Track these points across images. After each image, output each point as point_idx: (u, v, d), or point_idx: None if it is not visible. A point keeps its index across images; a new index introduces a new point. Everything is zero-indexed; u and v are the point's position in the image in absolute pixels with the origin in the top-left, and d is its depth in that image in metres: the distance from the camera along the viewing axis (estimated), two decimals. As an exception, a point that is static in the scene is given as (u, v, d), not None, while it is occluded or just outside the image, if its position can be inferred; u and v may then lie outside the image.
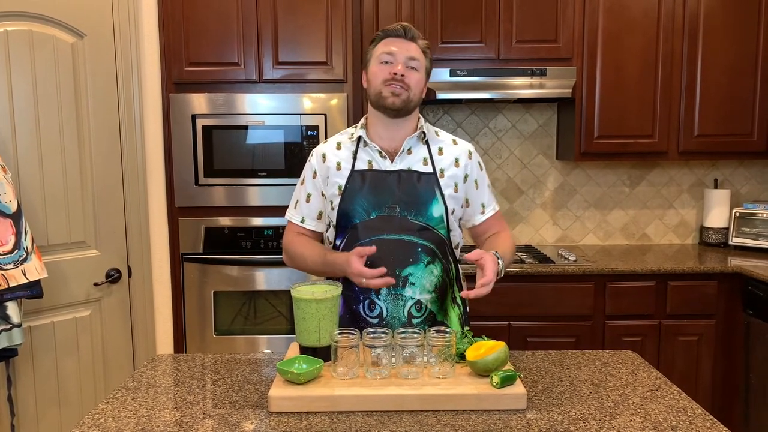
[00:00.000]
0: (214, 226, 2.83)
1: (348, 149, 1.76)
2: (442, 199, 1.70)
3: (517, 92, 2.97)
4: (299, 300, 1.51)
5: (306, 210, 1.80)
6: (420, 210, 1.68)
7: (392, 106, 1.67)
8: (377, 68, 1.69)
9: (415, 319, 1.69)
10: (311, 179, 1.79)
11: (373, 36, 1.76)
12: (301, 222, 1.81)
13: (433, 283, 1.69)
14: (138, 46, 2.66)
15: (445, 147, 1.77)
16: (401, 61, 1.66)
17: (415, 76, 1.68)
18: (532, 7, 2.98)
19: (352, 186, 1.70)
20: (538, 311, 2.84)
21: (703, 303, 2.85)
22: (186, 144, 2.79)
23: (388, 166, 1.71)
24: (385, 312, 1.67)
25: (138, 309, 2.69)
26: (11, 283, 2.02)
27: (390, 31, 1.70)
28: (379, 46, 1.71)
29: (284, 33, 2.79)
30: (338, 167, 1.74)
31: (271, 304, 2.87)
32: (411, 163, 1.72)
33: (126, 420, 1.33)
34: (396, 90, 1.65)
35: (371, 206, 1.68)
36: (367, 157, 1.73)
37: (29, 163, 2.29)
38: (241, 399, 1.43)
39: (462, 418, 1.31)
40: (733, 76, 3.04)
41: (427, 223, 1.69)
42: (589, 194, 3.48)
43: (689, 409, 1.36)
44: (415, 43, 1.70)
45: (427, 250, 1.68)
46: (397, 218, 1.67)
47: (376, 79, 1.68)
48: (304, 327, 1.51)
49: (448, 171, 1.73)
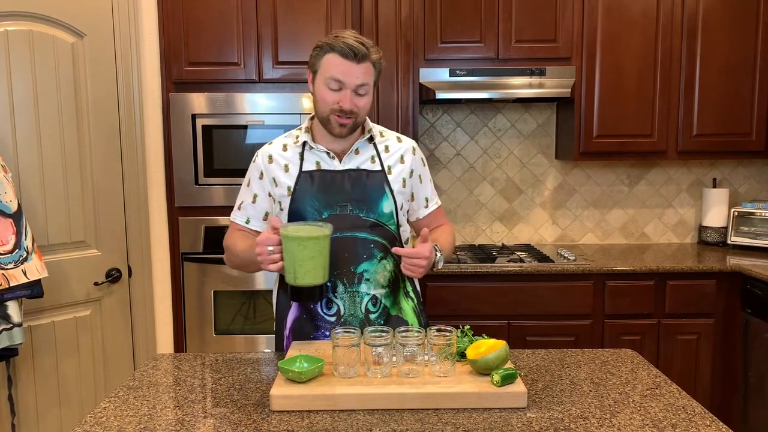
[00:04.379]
0: (214, 225, 2.83)
1: (294, 151, 1.74)
2: (391, 195, 1.73)
3: (517, 92, 2.97)
4: (282, 237, 1.51)
5: (252, 211, 1.79)
6: (371, 207, 1.70)
7: (339, 134, 1.68)
8: (324, 92, 1.63)
9: (372, 314, 1.71)
10: (257, 180, 1.77)
11: (320, 42, 1.65)
12: (246, 223, 1.80)
13: (387, 278, 1.72)
14: (138, 46, 2.66)
15: (390, 145, 1.79)
16: (350, 89, 1.62)
17: (363, 101, 1.65)
18: (531, 7, 2.98)
19: (302, 186, 1.70)
20: (537, 310, 2.85)
21: (702, 302, 2.86)
22: (186, 144, 2.79)
23: (336, 166, 1.72)
24: (342, 309, 1.70)
25: (138, 308, 2.70)
26: (12, 283, 2.02)
27: (338, 49, 1.60)
28: (326, 62, 1.62)
29: (284, 33, 2.79)
30: (286, 168, 1.73)
31: (270, 304, 2.86)
32: (359, 162, 1.74)
33: (128, 419, 1.34)
34: (343, 121, 1.64)
35: (322, 205, 1.69)
36: (315, 158, 1.73)
37: (29, 163, 2.29)
38: (242, 398, 1.44)
39: (463, 416, 1.32)
40: (731, 76, 3.05)
41: (378, 220, 1.71)
42: (588, 193, 3.48)
43: (689, 407, 1.37)
44: (366, 62, 1.62)
45: (380, 246, 1.71)
46: (349, 216, 1.69)
47: (324, 104, 1.65)
48: (285, 264, 1.53)
49: (395, 168, 1.76)
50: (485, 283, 2.83)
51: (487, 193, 3.46)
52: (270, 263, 1.54)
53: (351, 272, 1.68)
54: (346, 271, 1.68)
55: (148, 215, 2.75)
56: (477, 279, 2.85)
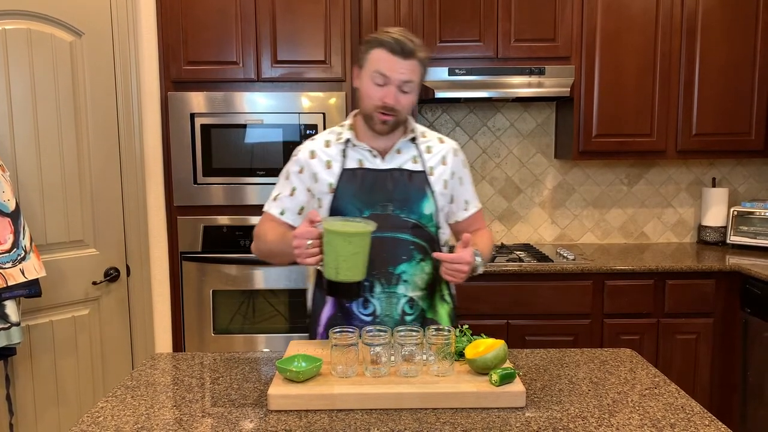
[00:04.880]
0: (213, 224, 2.83)
1: (337, 148, 1.73)
2: (432, 196, 1.71)
3: (516, 91, 2.97)
4: (326, 231, 1.48)
5: (288, 203, 1.77)
6: (412, 207, 1.69)
7: (381, 131, 1.67)
8: (370, 88, 1.64)
9: (408, 317, 1.69)
10: (297, 174, 1.75)
11: (369, 37, 1.67)
12: (280, 214, 1.77)
13: (425, 280, 1.71)
14: (136, 44, 2.65)
15: (433, 146, 1.77)
16: (394, 85, 1.61)
17: (406, 99, 1.64)
18: (530, 6, 2.98)
19: (344, 184, 1.69)
20: (536, 310, 2.84)
21: (701, 301, 2.86)
22: (184, 143, 2.79)
23: (379, 164, 1.71)
24: (378, 309, 1.68)
25: (136, 308, 2.69)
26: (10, 282, 2.02)
27: (386, 44, 1.60)
28: (372, 57, 1.63)
29: (283, 32, 2.78)
30: (328, 165, 1.72)
31: (269, 303, 2.87)
32: (401, 161, 1.72)
33: (125, 418, 1.33)
34: (385, 118, 1.64)
35: (364, 204, 1.67)
36: (358, 155, 1.72)
37: (27, 162, 2.29)
38: (240, 397, 1.43)
39: (461, 416, 1.31)
40: (731, 75, 3.05)
41: (419, 221, 1.69)
42: (587, 193, 3.48)
43: (688, 406, 1.37)
44: (413, 59, 1.61)
45: (419, 248, 1.69)
46: (390, 216, 1.67)
47: (369, 100, 1.65)
48: (327, 259, 1.50)
49: (437, 169, 1.74)
50: (484, 282, 2.82)
51: (487, 192, 3.45)
52: (307, 257, 1.50)
53: (389, 273, 1.66)
54: (384, 271, 1.65)
55: (147, 214, 2.74)
56: (476, 278, 2.82)
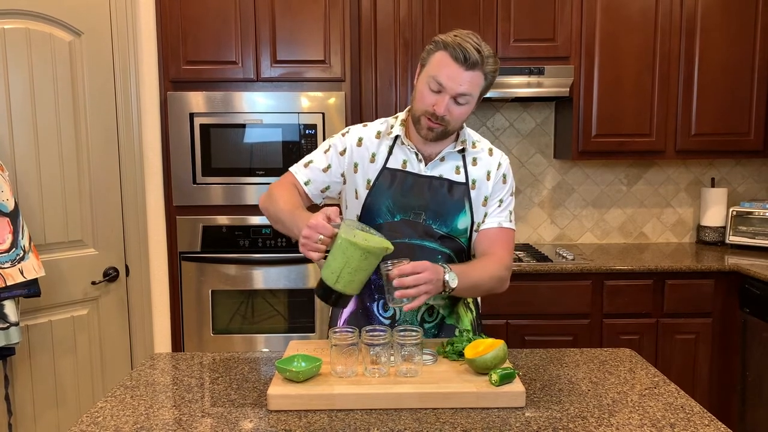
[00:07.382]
0: (212, 224, 2.83)
1: (385, 143, 1.66)
2: (470, 211, 1.65)
3: (515, 91, 2.97)
4: (343, 238, 1.39)
5: (317, 176, 1.68)
6: (446, 221, 1.63)
7: (425, 137, 1.60)
8: (424, 91, 1.54)
9: (427, 324, 1.68)
10: (337, 155, 1.68)
11: (436, 37, 1.54)
12: (305, 183, 1.68)
13: None
14: (135, 44, 2.65)
15: (480, 157, 1.68)
16: (449, 95, 1.51)
17: (459, 111, 1.55)
18: (530, 6, 2.98)
19: (381, 183, 1.64)
20: (535, 310, 2.84)
21: (701, 301, 2.86)
22: (184, 142, 2.79)
23: (422, 170, 1.64)
24: (398, 314, 1.66)
25: (136, 308, 2.69)
26: (8, 282, 2.02)
27: (450, 48, 1.49)
28: (434, 59, 1.52)
29: (282, 31, 2.78)
30: (372, 159, 1.65)
31: (269, 303, 2.87)
32: (443, 170, 1.65)
33: (125, 418, 1.33)
34: (432, 125, 1.56)
35: (397, 208, 1.62)
36: (403, 156, 1.65)
37: (26, 162, 2.29)
38: (239, 397, 1.43)
39: (461, 415, 1.31)
40: (730, 75, 3.05)
41: (451, 234, 1.64)
42: (586, 193, 3.48)
43: (687, 406, 1.37)
44: (476, 71, 1.51)
45: (446, 257, 1.64)
46: (421, 224, 1.62)
47: (420, 104, 1.56)
48: (331, 262, 1.41)
49: (480, 183, 1.66)
50: (483, 282, 2.82)
51: (486, 192, 3.45)
52: (311, 251, 1.41)
53: None
54: None
55: (146, 214, 2.74)
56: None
